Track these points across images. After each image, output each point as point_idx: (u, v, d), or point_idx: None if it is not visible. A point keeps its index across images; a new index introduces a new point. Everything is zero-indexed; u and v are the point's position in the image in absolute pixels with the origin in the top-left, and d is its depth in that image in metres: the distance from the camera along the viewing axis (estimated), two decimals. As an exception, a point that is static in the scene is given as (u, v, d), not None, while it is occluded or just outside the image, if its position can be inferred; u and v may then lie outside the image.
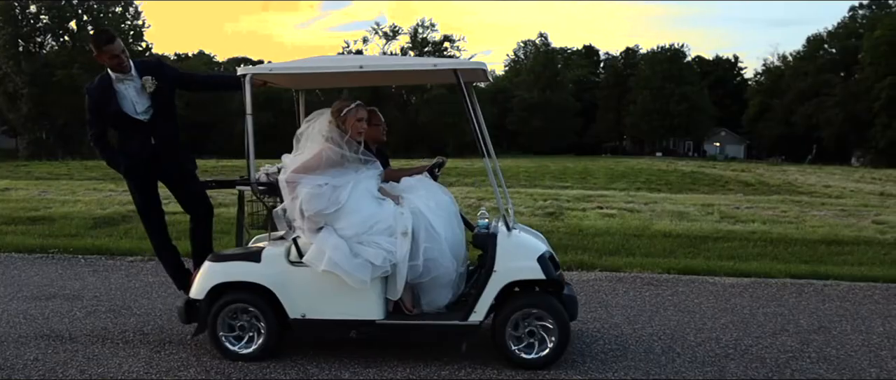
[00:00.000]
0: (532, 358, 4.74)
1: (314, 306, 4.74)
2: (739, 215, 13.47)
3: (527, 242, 4.86)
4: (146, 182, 5.49)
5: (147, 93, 5.29)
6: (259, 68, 4.97)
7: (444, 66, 5.08)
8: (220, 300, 4.81)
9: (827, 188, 24.83)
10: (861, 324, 6.11)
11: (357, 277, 4.55)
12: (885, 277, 7.98)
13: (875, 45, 69.24)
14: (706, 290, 7.29)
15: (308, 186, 4.67)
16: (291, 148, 4.95)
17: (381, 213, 4.74)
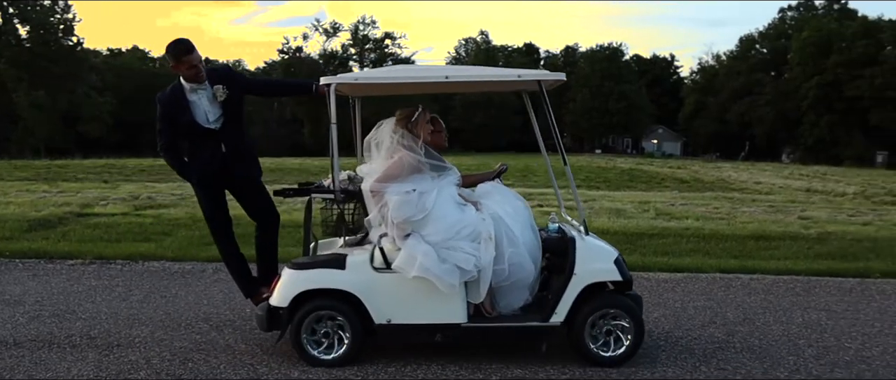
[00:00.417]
0: (609, 356, 4.94)
1: (399, 312, 4.82)
2: (674, 212, 13.96)
3: (602, 246, 5.05)
4: (216, 191, 5.52)
5: (218, 101, 5.32)
6: (343, 77, 5.06)
7: (528, 76, 5.15)
8: (304, 308, 4.83)
9: (758, 185, 25.83)
10: (782, 315, 6.48)
11: (447, 281, 4.65)
12: (806, 270, 8.43)
13: (803, 46, 71.94)
14: (641, 285, 7.58)
15: (395, 193, 4.79)
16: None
17: (465, 219, 4.85)
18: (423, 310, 4.80)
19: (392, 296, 4.79)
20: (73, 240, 9.32)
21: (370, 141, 5.13)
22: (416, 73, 5.39)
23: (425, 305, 4.77)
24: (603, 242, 5.18)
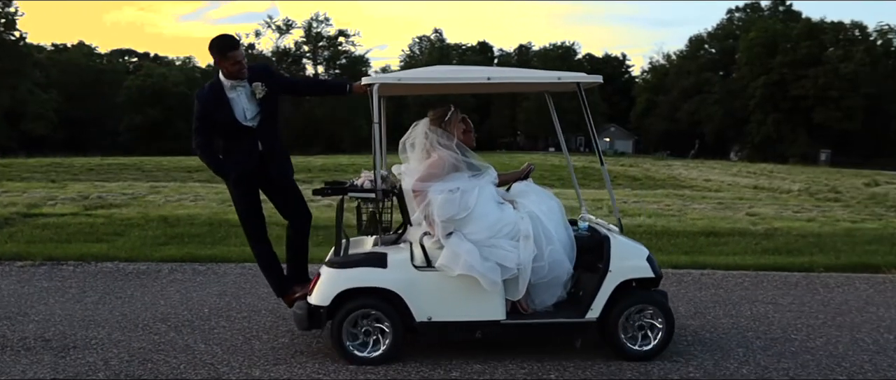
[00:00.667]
0: (642, 350, 5.09)
1: (440, 309, 4.87)
2: (627, 210, 14.22)
3: (635, 244, 5.23)
4: (253, 189, 5.48)
5: (256, 99, 5.29)
6: (386, 77, 5.10)
7: (567, 78, 5.23)
8: (345, 306, 4.84)
9: (707, 182, 26.41)
10: (732, 309, 6.69)
11: (490, 279, 4.74)
12: (754, 265, 8.70)
13: (750, 46, 73.67)
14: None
15: (439, 192, 4.88)
16: None
17: (504, 217, 4.95)
18: (463, 307, 4.87)
19: (433, 294, 4.85)
20: (21, 241, 9.11)
21: (405, 141, 5.23)
22: (457, 75, 5.50)
23: (465, 302, 4.85)
24: (633, 240, 5.32)
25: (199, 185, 20.61)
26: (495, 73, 5.27)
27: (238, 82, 5.25)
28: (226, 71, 5.22)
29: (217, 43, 5.22)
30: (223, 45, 5.20)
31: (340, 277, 4.86)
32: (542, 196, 5.25)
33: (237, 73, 5.22)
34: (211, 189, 18.26)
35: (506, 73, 5.37)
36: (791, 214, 14.33)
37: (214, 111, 5.26)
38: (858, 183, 26.87)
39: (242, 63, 5.21)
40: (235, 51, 5.20)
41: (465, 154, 5.12)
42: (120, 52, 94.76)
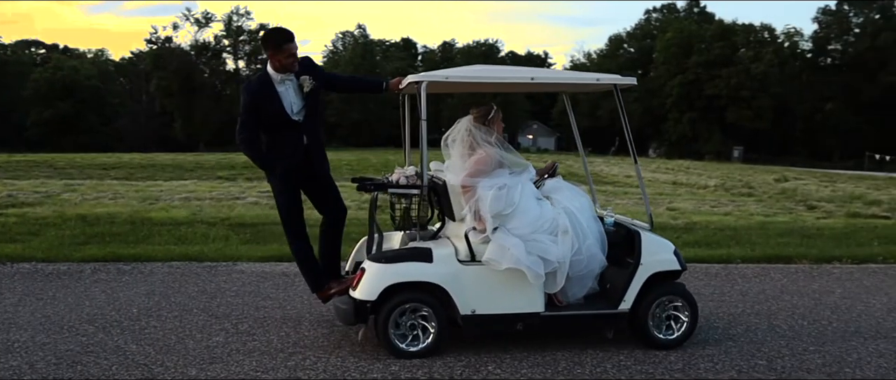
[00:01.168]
0: (669, 339, 5.36)
1: (484, 302, 4.99)
2: (552, 205, 14.46)
3: (662, 239, 5.46)
4: (297, 183, 5.44)
5: (303, 93, 5.29)
6: (435, 75, 5.21)
7: (605, 80, 5.46)
8: (392, 300, 4.90)
9: (628, 178, 27.12)
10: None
11: (535, 272, 4.89)
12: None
13: (666, 46, 75.94)
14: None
15: (488, 188, 4.99)
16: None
17: (545, 213, 5.12)
18: (505, 300, 5.02)
19: (476, 287, 4.98)
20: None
21: (447, 138, 5.34)
22: (502, 74, 5.67)
23: (507, 295, 5.00)
24: (660, 236, 5.54)
25: (118, 182, 19.96)
26: (538, 74, 5.44)
27: (287, 76, 5.25)
28: (279, 64, 5.20)
29: (273, 35, 5.25)
30: (280, 38, 5.20)
31: (387, 272, 4.92)
32: (573, 192, 5.45)
33: (290, 66, 5.21)
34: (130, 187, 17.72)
35: (548, 73, 5.47)
36: (708, 209, 14.89)
37: (264, 105, 5.23)
38: (769, 179, 28.10)
39: (296, 56, 5.22)
40: (291, 43, 5.19)
41: (508, 151, 5.26)
42: (25, 44, 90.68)
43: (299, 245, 5.54)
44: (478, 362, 4.98)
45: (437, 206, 5.45)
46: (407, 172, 5.27)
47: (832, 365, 5.13)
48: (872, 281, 8.10)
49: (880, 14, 70.77)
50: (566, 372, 4.86)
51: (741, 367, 5.05)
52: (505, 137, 5.42)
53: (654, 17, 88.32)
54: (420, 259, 4.96)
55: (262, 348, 5.16)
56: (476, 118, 5.32)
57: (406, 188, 5.20)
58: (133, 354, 5.00)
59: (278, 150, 5.34)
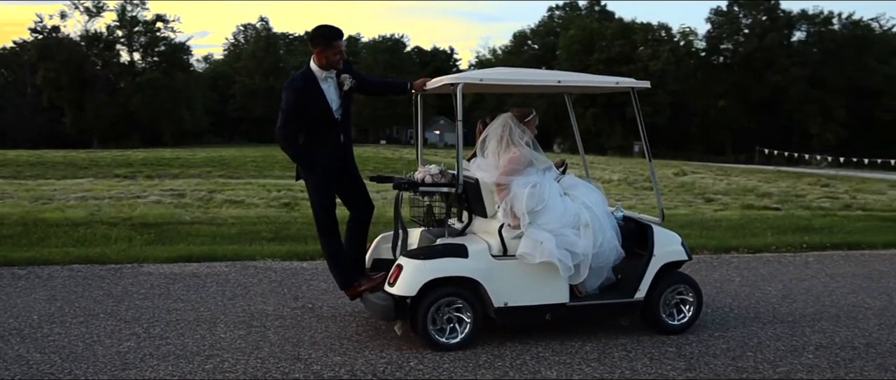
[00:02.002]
0: (677, 324, 5.72)
1: (515, 295, 5.21)
2: (463, 200, 14.58)
3: (671, 232, 5.83)
4: (335, 181, 5.48)
5: (342, 91, 5.38)
6: (469, 77, 5.42)
7: (624, 83, 5.74)
8: (431, 295, 5.05)
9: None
10: (571, 292, 7.08)
11: (566, 265, 5.14)
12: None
13: (569, 43, 77.66)
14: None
15: (523, 186, 5.22)
16: None
17: (569, 209, 5.37)
18: (534, 292, 5.27)
19: (508, 281, 5.20)
20: None
21: (484, 138, 5.58)
22: (531, 76, 6.06)
23: (536, 287, 5.25)
24: (668, 229, 5.88)
25: (5, 181, 18.89)
26: (564, 77, 5.77)
27: (329, 73, 5.33)
28: (326, 61, 5.27)
29: (323, 32, 5.30)
30: (330, 35, 5.28)
31: (426, 268, 5.06)
32: (588, 188, 5.71)
33: (336, 64, 5.30)
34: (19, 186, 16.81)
35: (573, 76, 5.89)
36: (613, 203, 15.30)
37: (308, 102, 5.26)
38: (669, 173, 29.23)
39: (343, 53, 5.33)
40: (340, 40, 5.30)
41: (537, 151, 5.50)
42: None
43: (333, 243, 5.57)
44: (400, 359, 4.98)
45: (465, 203, 5.55)
46: (431, 170, 5.45)
47: (736, 350, 5.39)
48: (767, 269, 8.55)
49: (767, 16, 74.59)
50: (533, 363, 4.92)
51: (653, 354, 5.23)
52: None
53: (556, 15, 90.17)
54: (456, 255, 5.16)
55: (177, 352, 5.00)
56: (515, 116, 5.54)
57: (437, 186, 5.40)
58: (37, 363, 4.75)
59: (319, 147, 5.38)
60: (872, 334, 5.89)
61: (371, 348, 5.17)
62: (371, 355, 5.04)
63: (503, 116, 5.58)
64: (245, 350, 5.08)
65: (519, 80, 5.85)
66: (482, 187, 5.37)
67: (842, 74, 69.57)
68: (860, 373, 4.98)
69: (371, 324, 5.80)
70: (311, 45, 5.36)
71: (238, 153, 41.53)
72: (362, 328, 5.69)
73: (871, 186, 25.28)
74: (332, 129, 5.40)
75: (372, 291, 5.38)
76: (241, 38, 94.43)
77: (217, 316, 5.95)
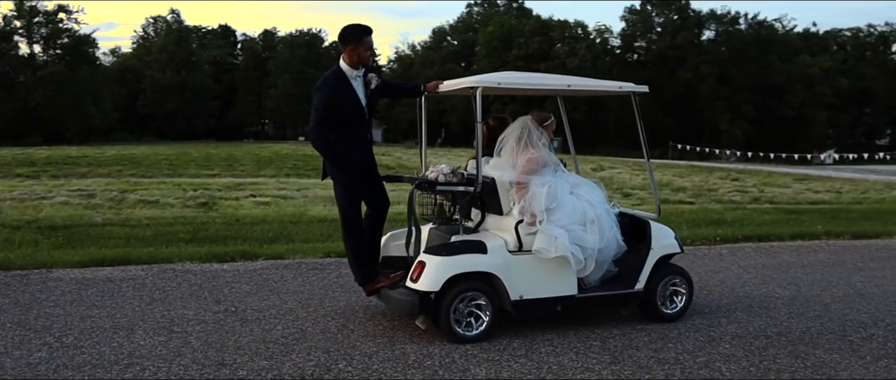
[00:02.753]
0: (673, 312, 6.08)
1: (530, 288, 5.46)
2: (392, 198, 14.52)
3: (665, 227, 6.16)
4: (362, 179, 5.57)
5: (369, 90, 5.48)
6: (488, 81, 5.62)
7: (626, 87, 6.10)
8: (453, 290, 5.25)
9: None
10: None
11: (578, 259, 5.41)
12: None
13: (488, 39, 78.37)
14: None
15: (540, 185, 5.51)
16: None
17: (577, 206, 5.64)
18: (547, 286, 5.52)
19: (523, 275, 5.45)
20: None
21: (503, 139, 5.83)
22: (545, 81, 6.40)
23: (548, 281, 5.51)
24: (662, 224, 6.23)
25: None
26: (573, 81, 6.12)
27: (358, 72, 5.45)
28: (357, 58, 5.40)
29: (354, 30, 5.42)
30: (360, 32, 5.41)
31: (448, 264, 5.25)
32: (590, 186, 5.97)
33: (367, 60, 5.44)
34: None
35: (580, 81, 6.25)
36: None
37: (341, 101, 5.38)
38: (587, 168, 29.77)
39: (374, 50, 5.47)
40: (369, 36, 5.42)
41: (551, 152, 5.82)
42: None
43: (357, 239, 5.69)
44: (328, 361, 4.91)
45: (479, 201, 5.77)
46: (444, 169, 5.65)
47: (658, 342, 5.54)
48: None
49: (678, 15, 77.10)
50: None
51: (578, 348, 5.32)
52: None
53: (475, 11, 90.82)
54: (476, 251, 5.37)
55: (94, 361, 4.78)
56: (535, 120, 5.82)
57: (458, 185, 5.61)
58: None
59: (350, 146, 5.50)
60: (783, 323, 6.16)
61: (297, 352, 5.08)
62: (298, 358, 4.95)
63: (523, 118, 5.85)
64: (166, 357, 4.91)
65: (533, 83, 6.22)
66: (498, 186, 5.63)
67: (748, 73, 72.60)
68: (773, 361, 5.19)
69: (297, 326, 5.71)
70: (341, 45, 5.48)
71: (150, 151, 40.20)
72: (288, 331, 5.58)
73: (777, 179, 26.50)
74: (360, 127, 5.56)
75: (390, 288, 5.56)
76: (151, 31, 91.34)
77: (135, 322, 5.72)
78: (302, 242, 9.36)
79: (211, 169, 25.49)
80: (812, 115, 73.28)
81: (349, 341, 5.37)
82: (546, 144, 5.79)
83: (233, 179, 20.16)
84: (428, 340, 5.41)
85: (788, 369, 5.02)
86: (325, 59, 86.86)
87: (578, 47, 73.70)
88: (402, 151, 49.17)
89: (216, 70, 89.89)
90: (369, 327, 5.74)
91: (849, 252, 10.05)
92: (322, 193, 15.30)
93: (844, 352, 5.44)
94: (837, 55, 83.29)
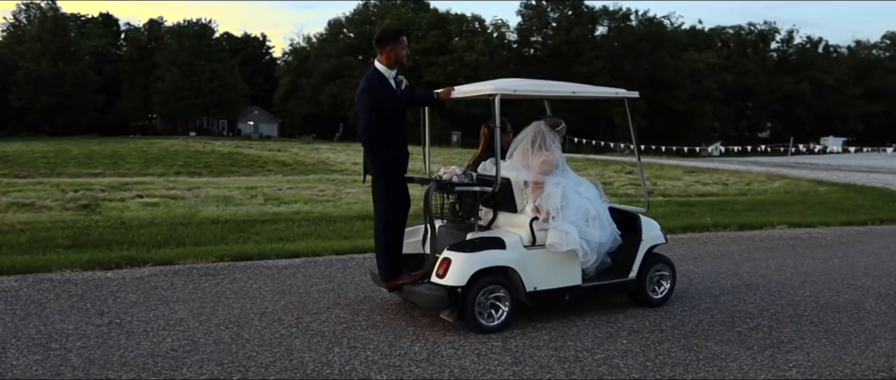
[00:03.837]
0: (660, 297, 6.64)
1: (542, 280, 5.88)
2: (282, 197, 14.20)
3: (652, 220, 6.69)
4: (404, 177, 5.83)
5: (399, 89, 5.71)
6: (504, 88, 5.89)
7: (621, 93, 6.58)
8: (478, 284, 5.59)
9: (355, 165, 27.40)
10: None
11: (586, 252, 5.90)
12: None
13: (385, 33, 77.71)
14: (262, 274, 7.61)
15: (555, 185, 5.97)
16: None
17: (582, 203, 6.08)
18: (556, 277, 5.95)
19: (537, 267, 5.85)
20: None
21: (517, 141, 6.32)
22: (553, 88, 6.66)
23: (557, 272, 5.95)
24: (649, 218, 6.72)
25: None
26: (577, 88, 6.51)
27: (392, 73, 5.71)
28: (395, 57, 5.70)
29: (391, 31, 5.82)
30: (396, 32, 5.80)
31: (473, 260, 5.61)
32: (588, 185, 6.39)
33: (403, 59, 5.73)
34: None
35: (583, 88, 6.63)
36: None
37: (386, 101, 5.62)
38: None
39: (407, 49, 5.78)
40: (404, 36, 5.78)
41: (562, 155, 6.28)
42: None
43: (397, 236, 5.94)
44: (222, 374, 4.67)
45: (492, 200, 6.09)
46: (456, 171, 6.02)
47: (558, 340, 5.59)
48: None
49: (572, 10, 79.09)
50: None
51: (480, 350, 5.29)
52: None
53: (372, 3, 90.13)
54: (496, 247, 5.74)
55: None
56: (548, 124, 6.26)
57: (478, 185, 5.97)
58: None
59: (395, 145, 5.75)
60: (677, 316, 6.35)
61: (189, 365, 4.82)
62: (189, 372, 4.70)
63: (537, 123, 6.28)
64: (43, 377, 4.55)
65: (545, 90, 6.59)
66: (513, 186, 6.01)
67: (640, 67, 75.36)
68: (668, 355, 5.32)
69: (188, 337, 5.42)
70: (379, 46, 5.76)
71: (25, 148, 37.82)
72: (178, 343, 5.29)
73: (668, 172, 27.53)
74: (400, 126, 5.81)
75: (412, 285, 5.83)
76: (24, 18, 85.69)
77: (6, 340, 5.27)
78: (193, 245, 8.94)
79: (93, 168, 24.16)
80: (700, 109, 76.89)
81: (244, 351, 5.14)
82: (559, 147, 6.24)
83: (118, 179, 19.16)
84: (326, 347, 5.26)
85: (682, 363, 5.16)
86: (216, 50, 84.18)
87: (476, 41, 74.46)
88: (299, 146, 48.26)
89: (98, 61, 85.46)
90: (265, 335, 5.52)
91: (735, 243, 10.51)
92: (214, 192, 14.77)
93: (733, 343, 5.65)
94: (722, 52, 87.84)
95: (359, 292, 6.92)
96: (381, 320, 6.02)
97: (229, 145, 45.17)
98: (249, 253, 8.53)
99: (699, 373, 5.00)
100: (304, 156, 34.46)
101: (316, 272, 7.77)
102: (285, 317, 6.03)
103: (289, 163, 28.47)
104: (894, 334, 6.05)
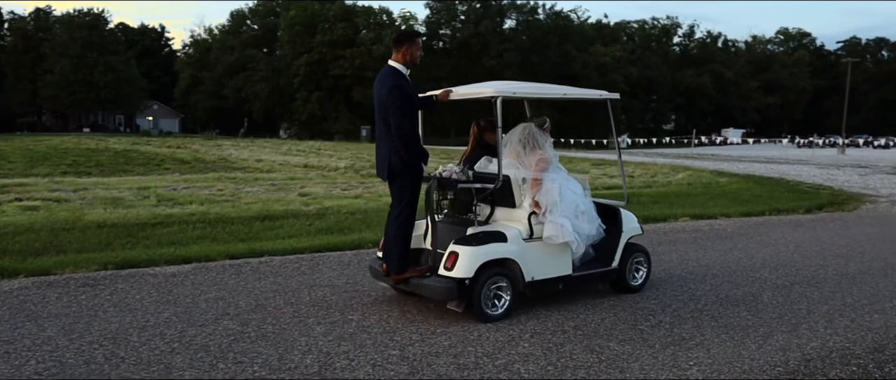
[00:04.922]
0: (637, 284, 7.12)
1: (539, 270, 6.22)
2: (177, 197, 13.52)
3: (629, 212, 7.12)
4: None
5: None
6: (504, 92, 6.20)
7: (605, 95, 7.00)
8: (484, 275, 5.91)
9: (259, 163, 26.65)
10: (292, 296, 6.68)
11: (578, 243, 6.25)
12: (310, 247, 8.88)
13: (291, 24, 76.59)
14: (147, 283, 7.10)
15: (552, 182, 6.29)
16: None
17: (573, 198, 6.36)
18: (551, 267, 6.30)
19: (534, 259, 6.18)
20: None
21: (508, 139, 6.55)
22: (547, 90, 6.91)
23: (552, 263, 6.29)
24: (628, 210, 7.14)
25: None
26: (568, 91, 6.82)
27: (407, 71, 5.97)
28: (411, 56, 5.97)
29: (409, 32, 6.16)
30: (415, 34, 6.18)
31: (480, 252, 5.90)
32: (573, 181, 6.63)
33: (418, 59, 5.99)
34: None
35: (573, 90, 6.91)
36: (340, 192, 15.16)
37: (414, 96, 5.95)
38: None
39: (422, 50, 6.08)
40: (421, 37, 6.19)
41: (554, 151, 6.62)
42: None
43: (410, 231, 6.16)
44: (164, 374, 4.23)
45: (490, 197, 6.33)
46: (454, 169, 6.34)
47: (458, 346, 5.37)
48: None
49: (480, 3, 79.50)
50: None
51: (375, 360, 5.03)
52: None
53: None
54: (499, 240, 6.04)
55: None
56: (536, 124, 6.59)
57: (481, 182, 6.26)
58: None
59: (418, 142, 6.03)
60: (580, 316, 6.24)
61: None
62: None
63: (525, 124, 6.59)
64: None
65: (540, 92, 6.84)
66: (513, 182, 6.27)
67: (548, 60, 76.52)
68: (571, 357, 5.19)
69: (55, 358, 4.92)
70: (396, 45, 6.00)
71: None
72: (43, 365, 4.78)
73: (577, 165, 27.90)
74: (416, 122, 6.07)
75: (419, 278, 6.06)
76: None
77: None
78: (75, 252, 8.28)
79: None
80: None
81: (118, 372, 4.70)
82: (551, 145, 6.58)
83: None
84: (210, 364, 4.87)
85: (584, 366, 5.04)
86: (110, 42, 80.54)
87: (384, 34, 73.91)
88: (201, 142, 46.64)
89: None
90: (143, 352, 5.08)
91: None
92: (103, 193, 13.93)
93: (636, 342, 5.57)
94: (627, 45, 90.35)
95: (251, 301, 6.52)
96: (272, 330, 5.66)
97: (125, 142, 43.18)
98: (136, 260, 7.96)
99: (601, 375, 4.88)
100: (205, 153, 33.28)
101: (206, 279, 7.31)
102: (167, 331, 5.59)
103: (188, 160, 27.38)
104: (790, 326, 6.13)
